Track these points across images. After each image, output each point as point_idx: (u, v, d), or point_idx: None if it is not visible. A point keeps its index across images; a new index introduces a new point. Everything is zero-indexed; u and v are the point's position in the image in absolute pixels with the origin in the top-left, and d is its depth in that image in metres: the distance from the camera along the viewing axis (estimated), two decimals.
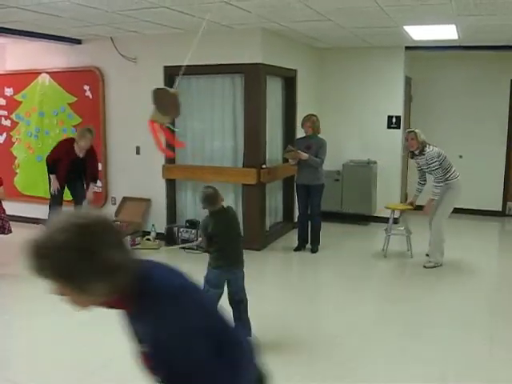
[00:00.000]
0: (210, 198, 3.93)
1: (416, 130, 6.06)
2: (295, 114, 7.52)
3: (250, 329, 3.97)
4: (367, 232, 8.01)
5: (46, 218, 6.89)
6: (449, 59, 8.64)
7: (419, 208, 6.36)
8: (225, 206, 4.04)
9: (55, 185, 6.65)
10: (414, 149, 6.06)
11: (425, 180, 6.31)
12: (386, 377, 3.62)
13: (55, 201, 6.76)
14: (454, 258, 6.34)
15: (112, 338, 4.18)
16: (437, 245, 6.10)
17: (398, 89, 8.15)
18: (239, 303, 4.01)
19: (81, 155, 6.62)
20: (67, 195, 6.99)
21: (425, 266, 6.10)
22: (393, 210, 6.61)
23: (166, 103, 4.15)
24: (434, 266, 6.08)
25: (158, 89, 4.34)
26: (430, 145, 6.02)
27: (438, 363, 3.79)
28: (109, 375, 3.62)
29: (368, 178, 8.07)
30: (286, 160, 6.93)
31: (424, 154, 5.97)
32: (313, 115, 6.68)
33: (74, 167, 6.62)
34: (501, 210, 8.85)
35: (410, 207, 6.52)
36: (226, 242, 3.91)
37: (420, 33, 6.70)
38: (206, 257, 4.00)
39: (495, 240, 7.98)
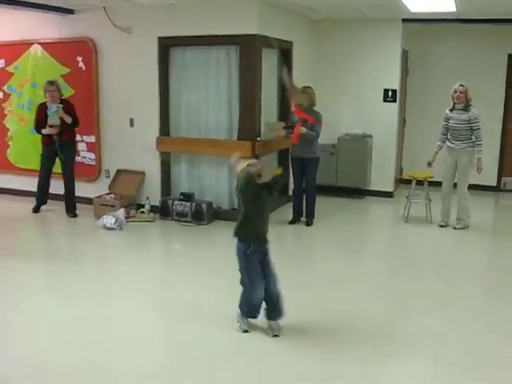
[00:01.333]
0: None
1: (466, 86, 6.32)
2: None
3: None
4: (362, 205, 8.01)
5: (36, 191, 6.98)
6: (446, 32, 8.54)
7: (437, 183, 6.79)
8: None
9: (50, 130, 6.77)
10: (460, 101, 6.30)
11: (446, 138, 6.52)
12: (386, 356, 3.64)
13: (43, 171, 6.97)
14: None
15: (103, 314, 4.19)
16: (465, 208, 6.49)
17: (395, 62, 8.08)
18: None
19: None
20: (57, 168, 7.03)
21: (455, 228, 6.54)
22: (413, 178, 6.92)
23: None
24: (463, 228, 6.50)
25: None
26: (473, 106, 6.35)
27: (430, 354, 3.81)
28: (98, 349, 3.60)
29: (363, 152, 8.04)
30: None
31: (469, 112, 6.28)
32: (308, 87, 6.62)
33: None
34: (495, 185, 8.87)
35: (429, 176, 6.81)
36: None
37: (417, 4, 6.60)
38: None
39: (491, 214, 7.99)
